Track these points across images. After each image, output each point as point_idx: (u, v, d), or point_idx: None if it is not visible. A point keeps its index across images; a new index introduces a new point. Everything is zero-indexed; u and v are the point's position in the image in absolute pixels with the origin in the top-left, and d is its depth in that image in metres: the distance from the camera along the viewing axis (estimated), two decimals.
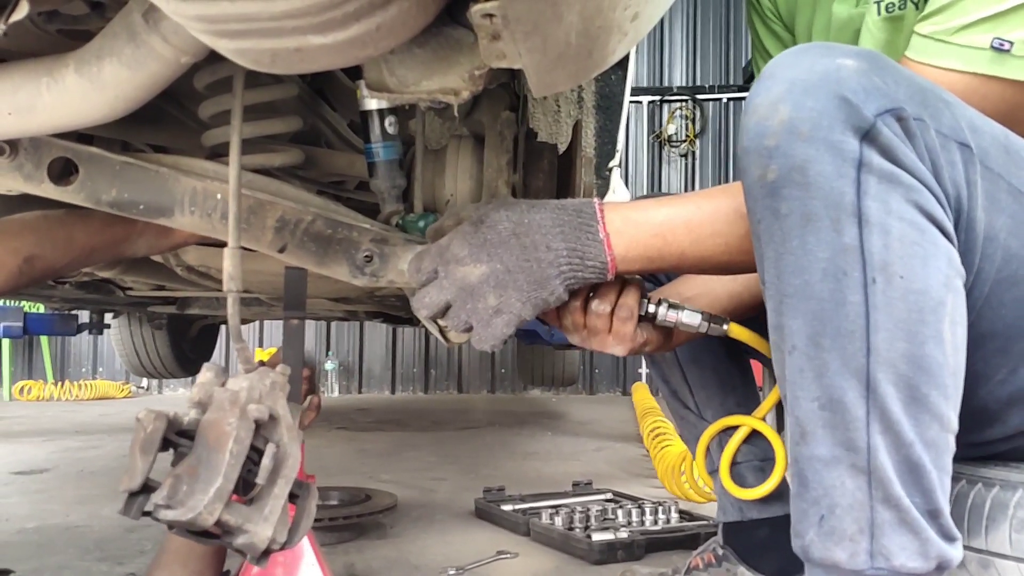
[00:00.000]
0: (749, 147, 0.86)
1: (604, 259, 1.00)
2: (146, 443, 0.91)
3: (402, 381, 7.90)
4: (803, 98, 0.83)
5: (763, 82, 0.88)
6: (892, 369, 0.82)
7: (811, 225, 0.83)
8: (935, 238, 0.84)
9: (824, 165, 0.82)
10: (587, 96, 1.97)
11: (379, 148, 1.25)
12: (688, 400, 1.59)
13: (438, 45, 0.91)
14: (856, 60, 0.85)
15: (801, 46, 0.91)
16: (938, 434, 0.83)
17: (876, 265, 0.81)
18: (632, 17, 0.80)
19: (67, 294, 2.90)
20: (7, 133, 1.00)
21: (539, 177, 1.37)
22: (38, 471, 3.24)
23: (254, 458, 0.92)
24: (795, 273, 0.85)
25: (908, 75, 0.88)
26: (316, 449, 3.88)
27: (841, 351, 0.82)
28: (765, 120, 0.85)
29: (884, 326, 0.82)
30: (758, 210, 0.87)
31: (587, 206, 1.02)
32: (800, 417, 0.86)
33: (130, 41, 0.88)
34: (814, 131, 0.82)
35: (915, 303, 0.82)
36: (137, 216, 1.22)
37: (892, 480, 0.81)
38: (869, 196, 0.82)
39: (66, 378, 7.61)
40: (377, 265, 1.25)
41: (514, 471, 3.31)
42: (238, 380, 0.98)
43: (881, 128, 0.82)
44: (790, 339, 0.86)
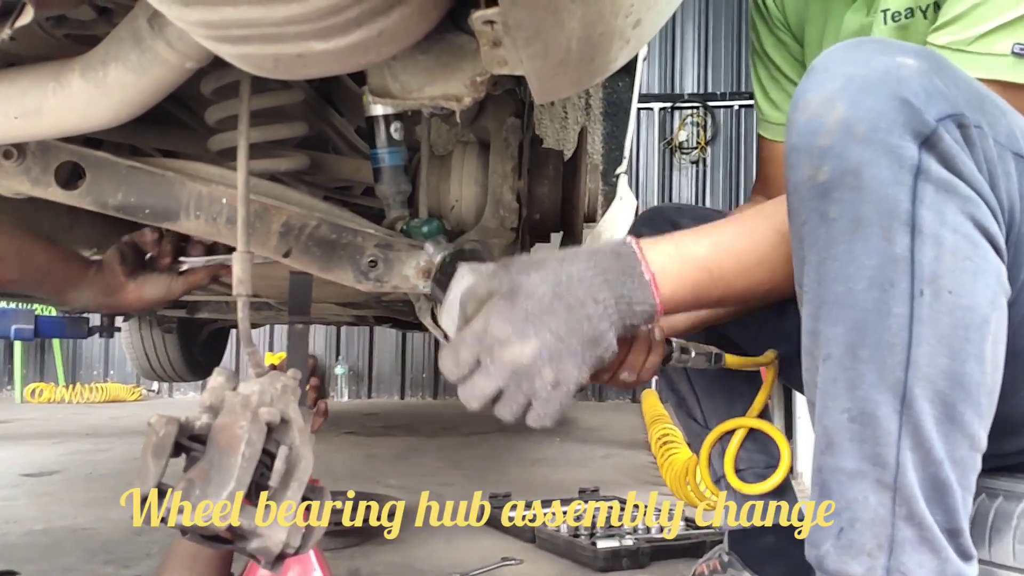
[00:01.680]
0: (798, 144, 0.83)
1: (653, 301, 0.93)
2: (158, 447, 0.91)
3: (412, 386, 7.90)
4: (861, 96, 0.80)
5: (815, 76, 0.84)
6: (931, 385, 0.79)
7: (861, 231, 0.80)
8: (987, 253, 0.81)
9: (880, 169, 0.79)
10: (594, 103, 1.98)
11: (385, 153, 1.25)
12: (695, 409, 1.59)
13: (441, 51, 0.91)
14: (916, 59, 0.82)
15: (853, 41, 0.87)
16: (967, 453, 0.81)
17: (925, 277, 0.79)
18: (634, 24, 0.80)
19: None
20: (14, 137, 1.01)
21: (544, 183, 1.37)
22: (47, 473, 3.26)
23: (266, 462, 0.92)
24: (838, 280, 0.82)
25: (967, 79, 0.85)
26: (324, 454, 3.89)
27: (880, 364, 0.80)
28: (819, 117, 0.82)
29: (927, 341, 0.79)
30: (804, 211, 0.84)
31: (624, 248, 0.95)
32: (828, 427, 0.83)
33: (135, 46, 0.89)
34: (872, 133, 0.79)
35: (961, 319, 0.79)
36: (143, 220, 1.23)
37: (917, 498, 0.79)
38: (924, 205, 0.78)
39: (77, 381, 7.64)
40: (382, 270, 1.25)
41: (521, 477, 3.30)
42: (249, 384, 0.98)
43: (942, 134, 0.79)
44: (825, 347, 0.84)
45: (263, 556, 0.91)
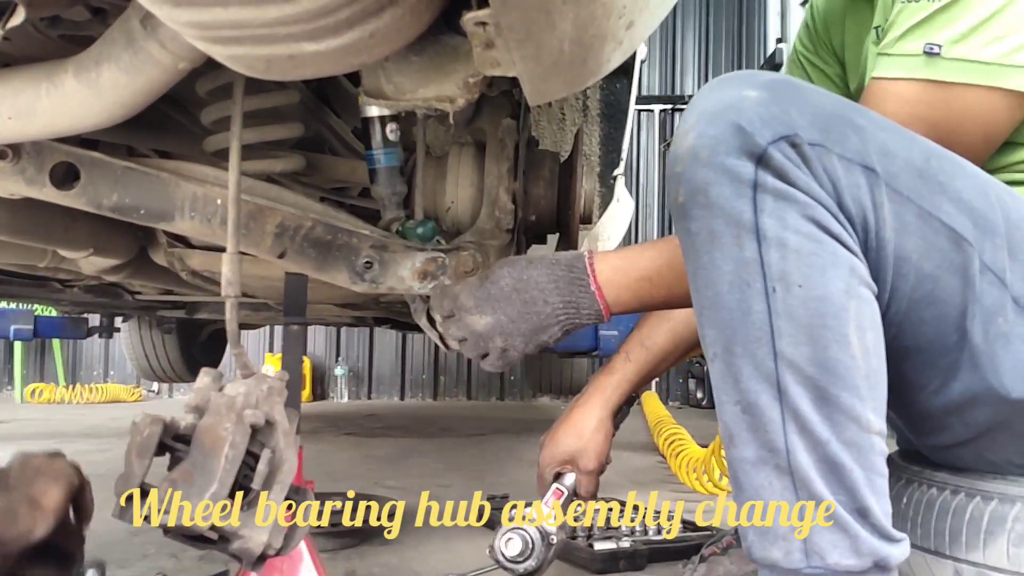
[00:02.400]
0: (667, 173, 0.94)
1: (597, 307, 1.14)
2: (142, 447, 0.91)
3: (411, 387, 7.90)
4: (705, 127, 0.89)
5: (685, 113, 0.95)
6: (799, 372, 0.85)
7: (716, 242, 0.89)
8: (834, 249, 0.88)
9: (723, 187, 0.87)
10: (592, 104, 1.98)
11: (380, 154, 1.26)
12: None
13: (435, 53, 0.91)
14: (760, 91, 0.90)
15: (723, 76, 0.96)
16: (857, 434, 0.86)
17: (775, 276, 0.86)
18: (627, 26, 0.80)
19: (76, 298, 2.92)
20: (7, 137, 1.01)
21: (540, 185, 1.37)
22: None
23: (250, 463, 0.92)
24: (707, 286, 0.91)
25: (815, 102, 0.92)
26: (323, 454, 3.89)
27: (751, 357, 0.87)
28: (676, 149, 0.92)
29: (787, 331, 0.86)
30: (677, 230, 0.94)
31: (578, 260, 1.15)
32: (726, 420, 0.91)
33: (128, 47, 0.89)
34: (712, 156, 0.88)
35: (816, 309, 0.86)
36: (139, 221, 1.23)
37: (814, 479, 0.85)
38: (766, 213, 0.87)
39: (77, 381, 7.64)
40: (377, 271, 1.25)
41: (520, 478, 3.30)
42: (235, 385, 0.98)
43: (773, 153, 0.87)
44: (711, 347, 0.92)
45: (244, 557, 0.91)
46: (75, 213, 1.40)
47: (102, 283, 2.55)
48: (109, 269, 1.86)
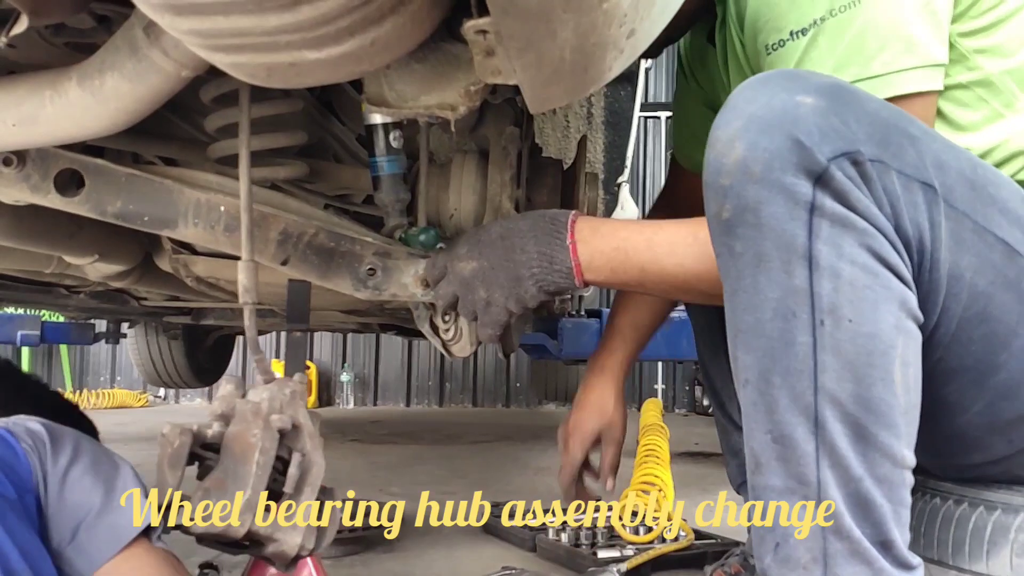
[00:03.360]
0: (708, 182, 0.88)
1: (569, 264, 1.11)
2: (173, 458, 0.92)
3: (417, 394, 7.90)
4: (758, 137, 0.84)
5: (725, 114, 0.89)
6: (839, 408, 0.83)
7: (763, 265, 0.85)
8: (888, 282, 0.84)
9: (776, 207, 0.83)
10: (596, 112, 1.98)
11: (383, 162, 1.26)
12: (734, 412, 1.62)
13: (437, 61, 0.92)
14: (816, 97, 0.85)
15: (763, 76, 0.91)
16: (890, 470, 0.84)
17: (825, 308, 0.83)
18: (628, 34, 0.80)
19: (83, 303, 2.93)
20: (11, 144, 1.01)
21: (543, 192, 1.37)
22: None
23: (279, 467, 0.93)
24: (747, 310, 0.87)
25: (873, 111, 0.88)
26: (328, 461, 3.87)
27: (790, 389, 0.84)
28: (721, 157, 0.86)
29: (831, 367, 0.83)
30: (716, 245, 0.90)
31: (562, 215, 1.13)
32: (755, 448, 0.88)
33: (132, 55, 0.89)
34: (767, 172, 0.83)
35: (863, 346, 0.83)
36: (143, 227, 1.23)
37: (843, 513, 0.83)
38: (820, 240, 0.83)
39: (84, 387, 7.66)
40: (380, 278, 1.25)
41: (524, 486, 3.29)
42: (258, 391, 0.99)
43: (834, 172, 0.82)
44: (744, 372, 0.89)
45: (279, 559, 0.93)
46: (80, 219, 1.41)
47: (108, 289, 2.55)
48: (115, 275, 1.87)
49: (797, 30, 1.05)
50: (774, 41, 1.08)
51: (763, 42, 1.10)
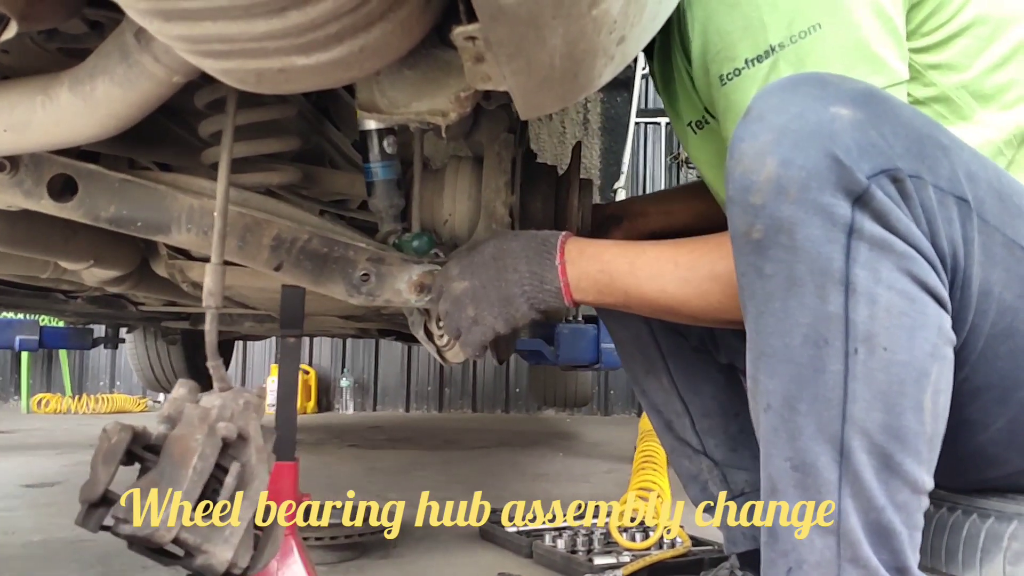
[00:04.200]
0: (735, 198, 0.84)
1: (558, 284, 1.13)
2: (109, 454, 0.90)
3: (416, 399, 7.89)
4: (792, 153, 0.80)
5: (750, 124, 0.85)
6: (867, 438, 0.81)
7: (795, 289, 0.82)
8: (925, 307, 0.82)
9: (813, 229, 0.80)
10: (592, 118, 1.98)
11: (378, 167, 1.26)
12: (687, 431, 1.57)
13: (428, 67, 0.91)
14: (852, 109, 0.81)
15: (790, 80, 0.87)
16: (909, 497, 0.83)
17: (860, 336, 0.80)
18: (618, 41, 0.80)
19: (80, 308, 2.93)
20: (4, 149, 1.01)
21: (537, 198, 1.37)
22: (48, 484, 3.26)
23: (220, 477, 0.91)
24: (775, 334, 0.84)
25: (907, 121, 0.85)
26: (326, 466, 3.88)
27: (817, 417, 0.82)
28: (751, 173, 0.83)
29: (862, 396, 0.81)
30: (741, 264, 0.86)
31: (552, 236, 1.15)
32: (772, 474, 0.86)
33: (122, 60, 0.89)
34: (803, 192, 0.80)
35: (897, 375, 0.81)
36: (136, 233, 1.23)
37: (861, 542, 0.82)
38: (858, 264, 0.80)
39: (84, 391, 7.65)
40: (373, 284, 1.25)
41: (523, 492, 3.29)
42: (211, 398, 0.97)
43: (875, 192, 0.79)
44: (765, 397, 0.86)
45: (208, 573, 0.89)
46: (75, 225, 1.41)
47: (105, 294, 2.56)
48: (111, 280, 1.87)
49: (752, 57, 1.02)
50: (728, 71, 1.04)
51: (716, 73, 1.07)
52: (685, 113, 1.24)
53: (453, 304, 1.17)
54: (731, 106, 1.05)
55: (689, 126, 1.25)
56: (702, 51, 1.09)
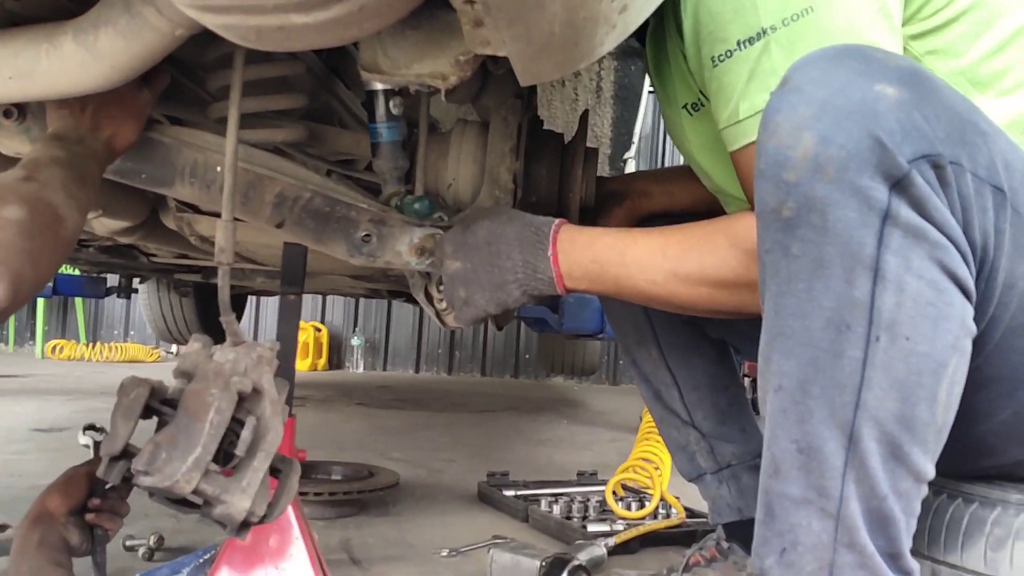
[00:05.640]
0: (766, 173, 0.82)
1: (551, 273, 1.13)
2: (128, 409, 0.92)
3: (427, 361, 7.94)
4: (833, 131, 0.78)
5: (788, 95, 0.82)
6: (879, 427, 0.81)
7: (822, 271, 0.80)
8: (952, 298, 0.80)
9: (847, 211, 0.78)
10: (605, 86, 1.96)
11: (383, 128, 1.25)
12: (675, 402, 1.58)
13: (431, 28, 0.91)
14: (898, 88, 0.79)
15: (833, 51, 0.84)
16: (912, 485, 0.83)
17: (883, 323, 0.79)
18: (620, 9, 0.79)
19: (93, 257, 2.95)
20: (8, 97, 1.02)
21: (542, 165, 1.36)
22: (58, 429, 3.31)
23: (236, 430, 0.93)
24: (796, 316, 0.83)
25: (950, 103, 0.82)
26: (332, 423, 3.92)
27: (829, 402, 0.81)
28: (786, 149, 0.80)
29: (879, 384, 0.80)
30: (767, 241, 0.84)
31: (546, 225, 1.15)
32: (776, 454, 0.86)
33: (126, 11, 0.89)
34: (841, 173, 0.77)
35: (915, 365, 0.80)
36: (141, 184, 1.24)
37: (859, 528, 0.82)
38: (890, 250, 0.78)
39: (98, 339, 7.74)
40: (375, 245, 1.25)
41: (524, 457, 3.31)
42: (225, 352, 0.99)
43: (915, 178, 0.77)
44: (777, 377, 0.85)
45: (227, 523, 0.91)
46: None
47: (117, 244, 2.57)
48: (121, 231, 1.88)
49: (744, 39, 1.00)
50: (720, 52, 1.03)
51: (708, 54, 1.05)
52: (680, 95, 1.22)
53: (448, 282, 1.19)
54: (722, 88, 1.04)
55: (684, 108, 1.23)
56: (694, 31, 1.08)
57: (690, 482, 1.64)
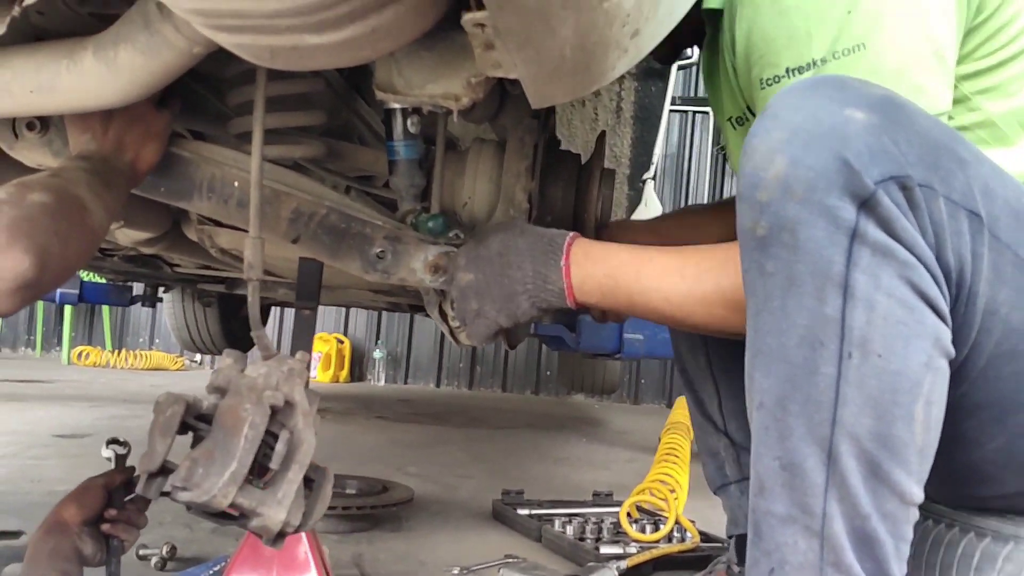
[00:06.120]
0: (743, 195, 0.85)
1: (561, 285, 1.12)
2: (165, 426, 0.94)
3: (448, 375, 7.94)
4: (802, 153, 0.80)
5: (765, 121, 0.85)
6: (856, 443, 0.81)
7: (794, 289, 0.82)
8: (923, 316, 0.81)
9: (816, 230, 0.80)
10: (625, 106, 1.96)
11: (400, 146, 1.26)
12: (713, 411, 1.60)
13: (444, 49, 0.92)
14: (868, 113, 0.81)
15: (811, 81, 0.87)
16: (897, 507, 0.83)
17: (855, 340, 0.80)
18: (632, 34, 0.79)
19: (117, 266, 2.98)
20: (30, 110, 1.04)
21: (558, 186, 1.36)
22: (80, 436, 3.34)
23: (270, 443, 0.95)
24: (772, 333, 0.84)
25: (925, 130, 0.84)
26: (350, 436, 3.93)
27: (807, 418, 0.82)
28: (760, 170, 0.83)
29: (853, 401, 0.81)
30: (745, 260, 0.87)
31: (560, 237, 1.15)
32: (761, 472, 0.86)
33: (145, 28, 0.91)
34: (809, 193, 0.80)
35: (889, 383, 0.80)
36: (159, 197, 1.25)
37: (845, 547, 0.82)
38: (859, 269, 0.80)
39: (124, 346, 7.81)
40: (389, 262, 1.26)
41: (541, 475, 3.30)
42: (257, 367, 1.01)
43: (881, 197, 0.79)
44: (759, 395, 0.86)
45: (264, 534, 0.94)
46: None
47: (141, 254, 2.60)
48: (144, 241, 1.90)
49: (794, 67, 1.02)
50: (769, 76, 1.05)
51: (757, 76, 1.07)
52: (727, 107, 1.24)
53: (460, 295, 1.19)
54: None
55: (729, 121, 1.24)
56: (746, 51, 1.10)
57: (715, 493, 1.64)
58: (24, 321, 8.11)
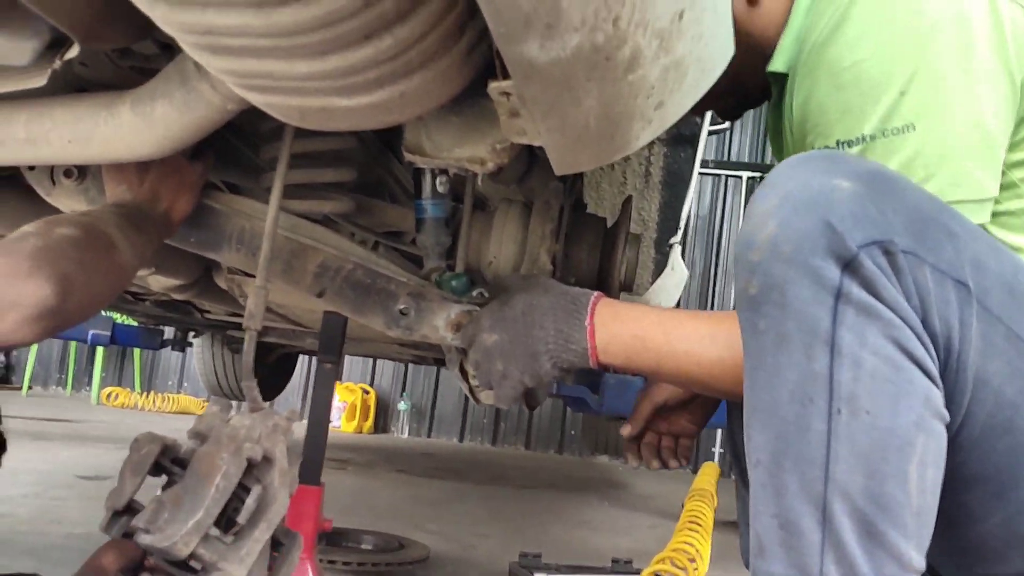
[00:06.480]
0: (738, 255, 0.88)
1: (585, 345, 1.11)
2: (137, 465, 0.93)
3: (471, 430, 7.90)
4: (791, 216, 0.84)
5: (763, 189, 0.89)
6: (849, 502, 0.80)
7: (784, 346, 0.83)
8: (911, 375, 0.82)
9: (802, 289, 0.82)
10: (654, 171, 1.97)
11: (428, 205, 1.28)
12: None
13: (472, 114, 0.93)
14: (854, 182, 0.84)
15: (805, 155, 0.90)
16: (896, 572, 0.81)
17: (843, 396, 0.81)
18: (656, 105, 0.80)
19: (149, 311, 3.02)
20: (67, 159, 1.06)
21: (583, 249, 1.37)
22: (103, 478, 3.35)
23: (242, 496, 0.93)
24: (764, 389, 0.85)
25: (912, 202, 0.86)
26: (370, 490, 3.91)
27: (801, 475, 0.82)
28: (754, 232, 0.86)
29: (844, 458, 0.80)
30: (741, 319, 0.89)
31: (584, 296, 1.14)
32: (759, 531, 0.86)
33: (182, 85, 0.93)
34: (795, 253, 0.82)
35: (879, 440, 0.80)
36: (190, 248, 1.27)
37: None
38: (845, 326, 0.81)
39: (153, 389, 7.88)
40: (412, 319, 1.27)
41: (561, 537, 3.26)
42: (242, 418, 0.99)
43: (864, 260, 0.81)
44: (756, 452, 0.87)
45: None
46: None
47: (172, 299, 2.64)
48: (175, 288, 1.92)
49: (844, 140, 1.05)
50: (820, 146, 1.08)
51: (810, 143, 1.10)
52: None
53: (484, 356, 1.17)
54: None
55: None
56: (802, 118, 1.14)
57: (745, 564, 1.60)
58: (56, 360, 8.21)
